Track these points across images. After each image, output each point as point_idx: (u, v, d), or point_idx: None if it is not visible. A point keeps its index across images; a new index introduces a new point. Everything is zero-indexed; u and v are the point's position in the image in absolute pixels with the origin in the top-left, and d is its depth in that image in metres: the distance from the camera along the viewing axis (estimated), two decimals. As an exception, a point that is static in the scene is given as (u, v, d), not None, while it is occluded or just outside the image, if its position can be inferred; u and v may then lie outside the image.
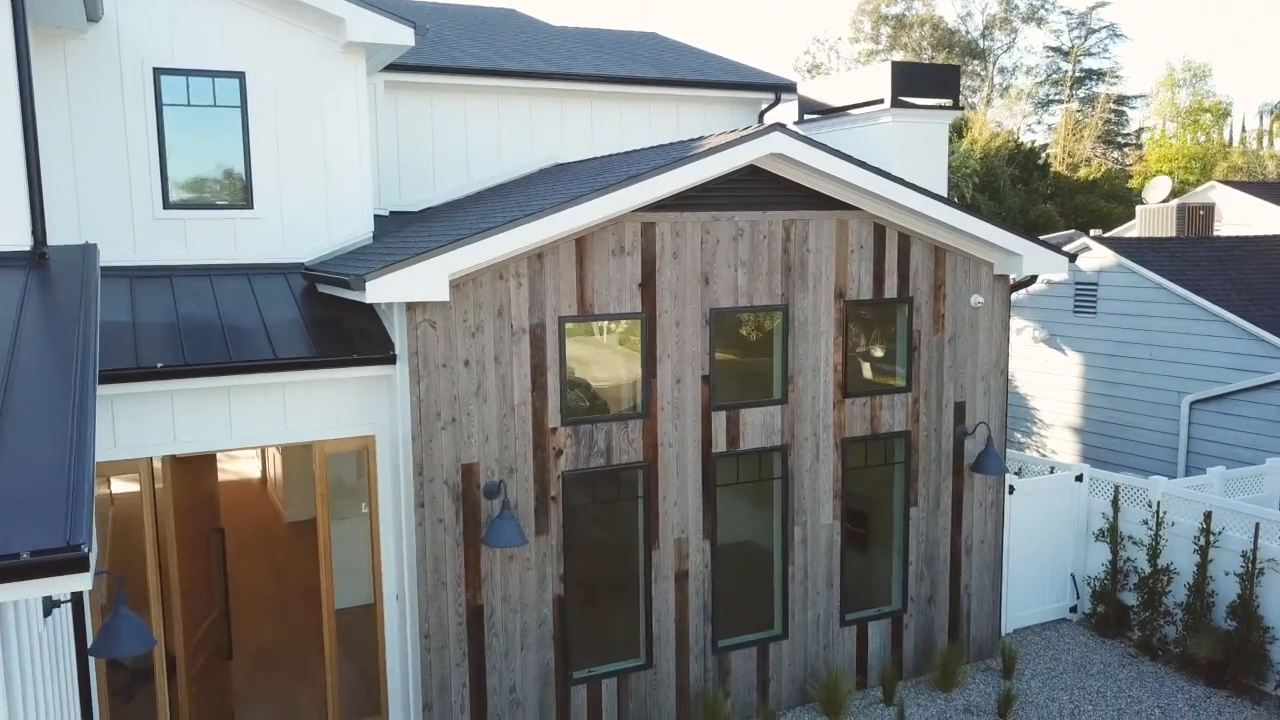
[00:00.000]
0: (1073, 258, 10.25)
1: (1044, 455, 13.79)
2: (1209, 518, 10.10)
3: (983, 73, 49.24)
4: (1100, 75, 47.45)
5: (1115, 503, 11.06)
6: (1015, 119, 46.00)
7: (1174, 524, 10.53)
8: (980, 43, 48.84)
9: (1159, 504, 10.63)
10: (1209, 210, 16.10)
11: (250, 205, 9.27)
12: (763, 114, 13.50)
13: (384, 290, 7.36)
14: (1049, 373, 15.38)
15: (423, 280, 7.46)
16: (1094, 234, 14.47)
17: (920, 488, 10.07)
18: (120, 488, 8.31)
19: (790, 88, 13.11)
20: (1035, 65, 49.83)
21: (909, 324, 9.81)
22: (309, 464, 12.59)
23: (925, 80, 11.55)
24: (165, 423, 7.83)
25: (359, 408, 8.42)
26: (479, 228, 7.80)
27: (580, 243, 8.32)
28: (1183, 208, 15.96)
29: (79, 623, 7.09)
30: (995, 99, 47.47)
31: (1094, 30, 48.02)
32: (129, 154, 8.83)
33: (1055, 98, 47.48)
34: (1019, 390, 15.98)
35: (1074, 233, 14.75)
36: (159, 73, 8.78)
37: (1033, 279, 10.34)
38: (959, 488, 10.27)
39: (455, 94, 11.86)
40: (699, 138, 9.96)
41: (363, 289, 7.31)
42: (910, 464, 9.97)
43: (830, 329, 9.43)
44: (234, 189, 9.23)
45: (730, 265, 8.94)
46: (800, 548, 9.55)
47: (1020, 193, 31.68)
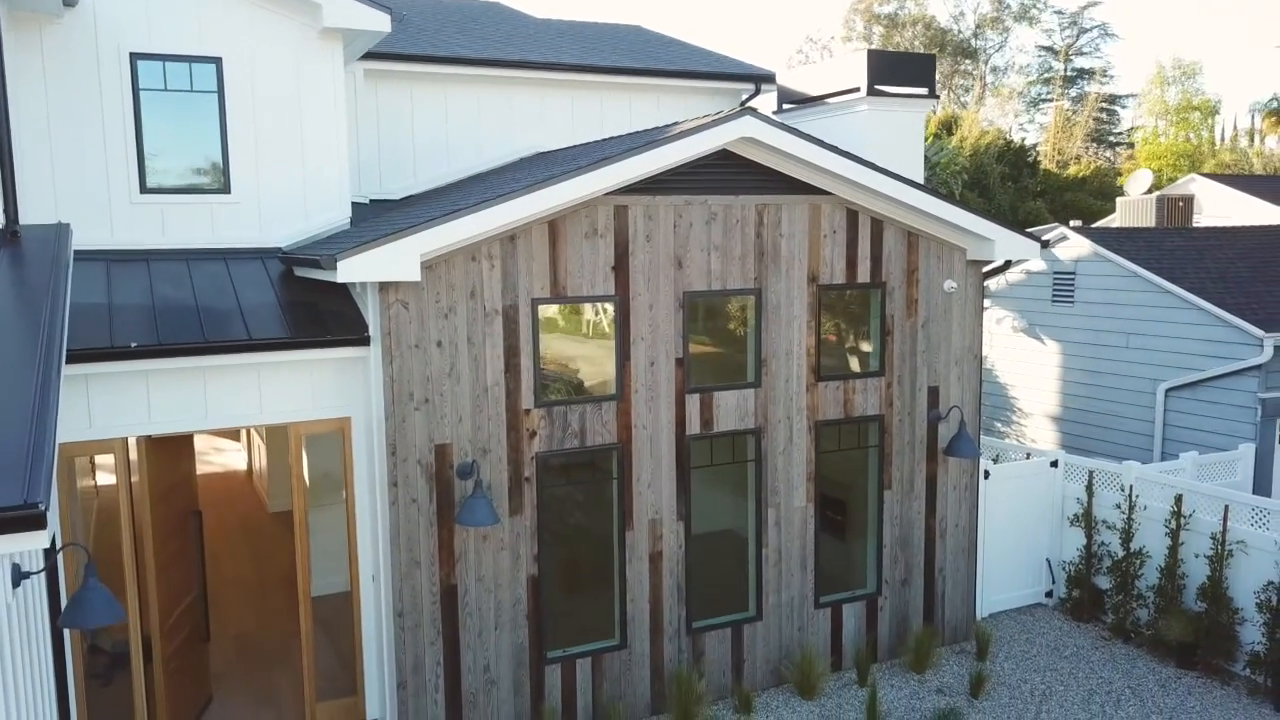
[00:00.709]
0: (1044, 243, 10.34)
1: (1023, 444, 13.85)
2: (1180, 500, 10.20)
3: (974, 72, 49.40)
4: (1091, 74, 47.61)
5: (1090, 488, 11.16)
6: (1007, 118, 46.12)
7: (1146, 508, 10.64)
8: (972, 42, 49.00)
9: (1131, 488, 10.73)
10: (1188, 202, 16.21)
11: (227, 190, 9.33)
12: (743, 104, 13.57)
13: (355, 270, 7.43)
14: (1028, 362, 15.48)
15: (394, 260, 7.53)
16: (1072, 224, 14.55)
17: (894, 471, 10.15)
18: (106, 480, 8.36)
19: (770, 78, 13.20)
20: (1027, 64, 50.05)
21: (882, 309, 9.90)
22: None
23: (901, 69, 11.66)
24: (140, 403, 7.89)
25: (334, 390, 8.49)
26: (450, 208, 7.88)
27: (553, 225, 8.40)
28: (1162, 199, 16.08)
29: (54, 603, 7.16)
30: (988, 98, 47.59)
31: (1085, 30, 48.21)
32: (105, 138, 8.89)
33: (1046, 97, 47.63)
34: (998, 380, 16.08)
35: (1057, 225, 14.81)
36: (135, 57, 8.84)
37: (1006, 265, 10.43)
38: (933, 471, 10.35)
39: (435, 83, 11.92)
40: (673, 123, 10.04)
41: (334, 269, 7.38)
42: (884, 447, 10.06)
43: (803, 313, 9.51)
44: (211, 174, 9.29)
45: (703, 249, 9.02)
46: (774, 530, 9.63)
47: (1010, 190, 31.76)
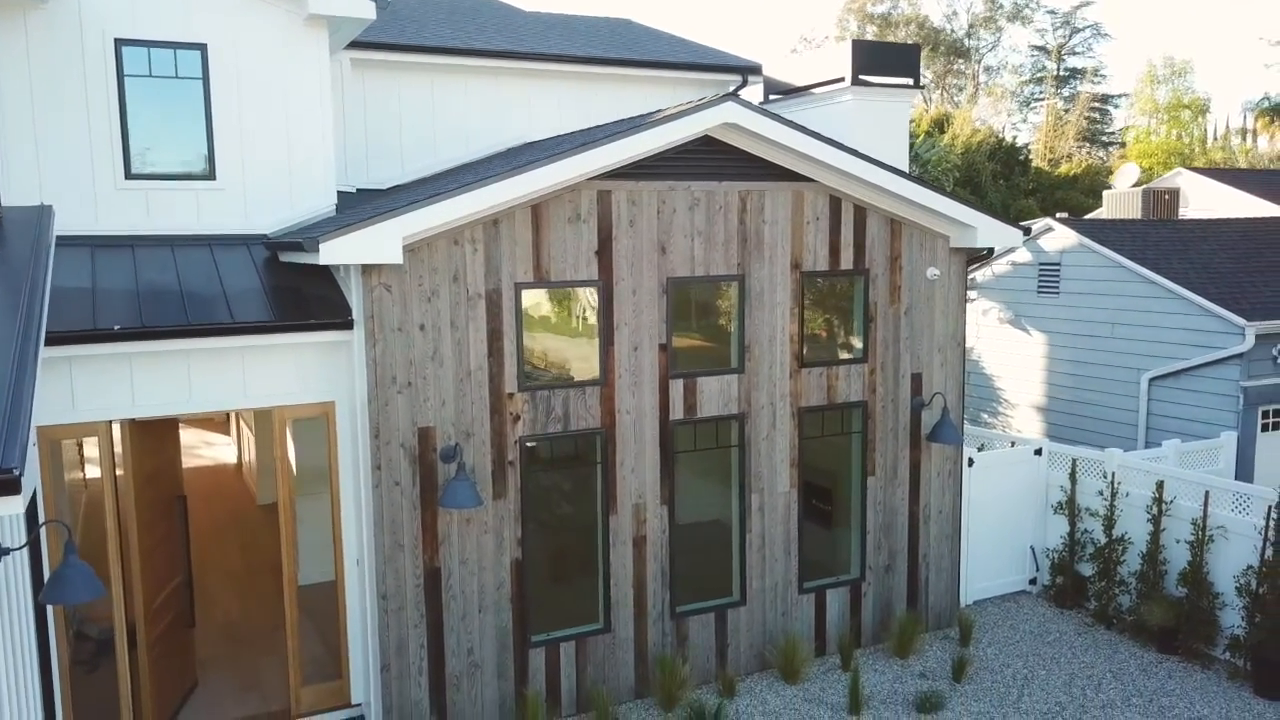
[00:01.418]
0: (1026, 230, 10.41)
1: (1009, 434, 13.91)
2: (1161, 487, 10.27)
3: (967, 71, 49.56)
4: (1083, 74, 47.79)
5: (1073, 475, 11.23)
6: (1000, 117, 46.26)
7: (1128, 494, 10.71)
8: (965, 41, 49.15)
9: (1114, 475, 10.79)
10: (1174, 195, 16.29)
11: (213, 177, 9.37)
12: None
13: (337, 252, 7.46)
14: (1014, 353, 15.55)
15: (376, 242, 7.57)
16: (1058, 216, 14.62)
17: (878, 457, 10.20)
18: (94, 474, 8.39)
19: (756, 70, 13.25)
20: (1020, 64, 50.18)
21: (865, 296, 9.95)
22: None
23: (886, 59, 11.72)
24: (124, 386, 7.91)
25: (319, 375, 8.52)
26: (432, 192, 7.92)
27: (536, 209, 8.44)
28: (1148, 192, 16.15)
29: (38, 586, 7.17)
30: (981, 97, 47.74)
31: (1078, 30, 48.41)
32: (90, 124, 8.92)
33: (1039, 96, 47.78)
34: (984, 371, 16.14)
35: (1044, 219, 14.90)
36: (120, 43, 8.87)
37: (989, 253, 10.50)
38: (916, 458, 10.41)
39: (422, 73, 11.96)
40: (656, 110, 10.08)
41: (316, 251, 7.41)
42: (867, 434, 10.11)
43: (786, 300, 9.56)
44: (196, 160, 9.32)
45: (687, 235, 9.07)
46: (758, 515, 9.68)
47: (1001, 188, 31.88)
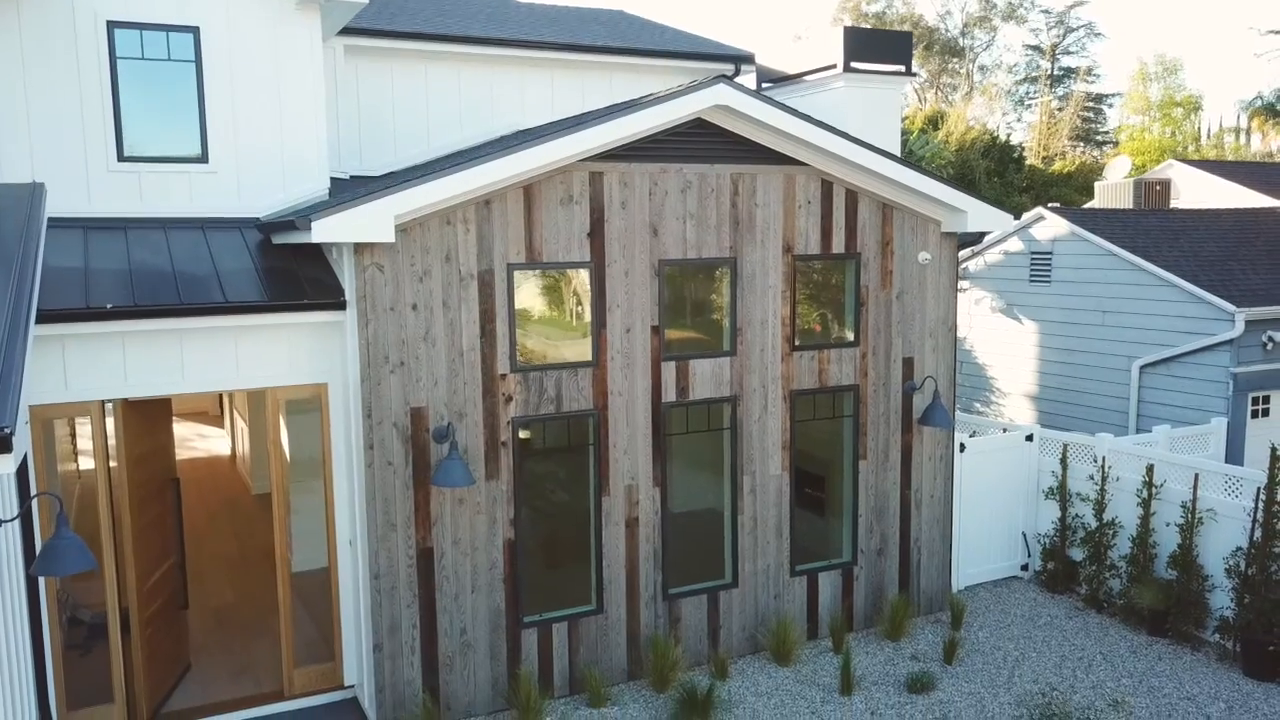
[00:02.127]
0: (1015, 214, 10.46)
1: (1001, 421, 13.97)
2: (1151, 470, 10.33)
3: (962, 70, 49.65)
4: (1077, 73, 47.92)
5: (1064, 460, 11.28)
6: (994, 116, 46.38)
7: (1119, 479, 10.76)
8: (960, 41, 49.26)
9: (1104, 459, 10.84)
10: (1165, 186, 16.37)
11: (205, 160, 9.38)
12: (723, 83, 13.65)
13: (330, 230, 7.49)
14: (1006, 342, 15.60)
15: (369, 221, 7.59)
16: (1050, 205, 14.67)
17: (869, 441, 10.24)
18: (88, 465, 8.40)
19: (749, 59, 13.29)
20: (1015, 63, 50.33)
21: (857, 279, 9.99)
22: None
23: (877, 46, 11.77)
24: (116, 365, 7.93)
25: (312, 355, 8.55)
26: (424, 172, 7.94)
27: (528, 190, 8.47)
28: (1139, 183, 16.23)
29: (29, 556, 7.19)
30: (975, 96, 47.84)
31: (1072, 29, 48.53)
32: (83, 106, 8.93)
33: (1033, 95, 47.91)
34: (977, 360, 16.20)
35: (1037, 208, 14.95)
36: (112, 26, 8.88)
37: (980, 237, 10.54)
38: (908, 442, 10.45)
39: (416, 60, 11.98)
40: (648, 94, 10.11)
41: (308, 229, 7.44)
42: (859, 417, 10.15)
43: (778, 283, 9.60)
44: (189, 143, 9.33)
45: (679, 217, 9.11)
46: (750, 498, 9.72)
47: (995, 185, 31.97)
